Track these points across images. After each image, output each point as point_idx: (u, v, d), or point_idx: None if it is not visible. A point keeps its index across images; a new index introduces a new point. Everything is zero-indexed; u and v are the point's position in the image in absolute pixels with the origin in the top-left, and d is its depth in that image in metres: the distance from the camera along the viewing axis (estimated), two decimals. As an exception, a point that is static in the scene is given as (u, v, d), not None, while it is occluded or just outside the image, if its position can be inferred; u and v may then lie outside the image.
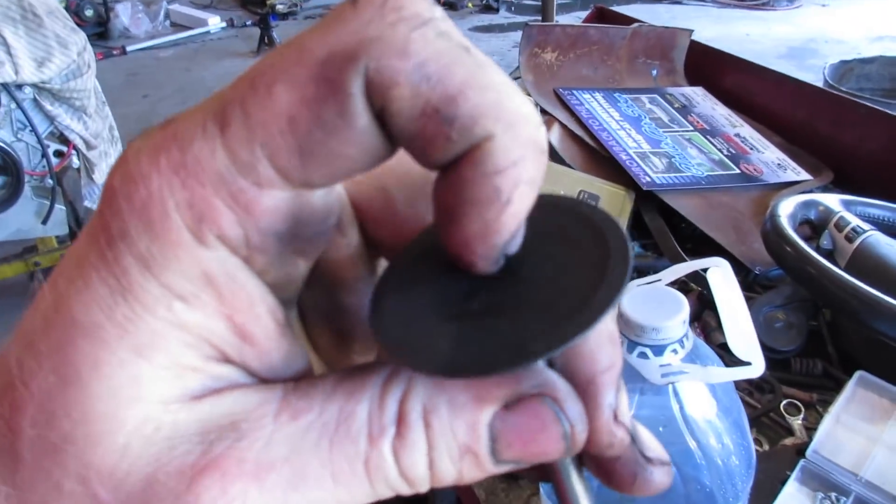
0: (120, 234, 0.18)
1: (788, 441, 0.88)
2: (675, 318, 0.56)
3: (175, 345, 0.19)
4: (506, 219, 0.19)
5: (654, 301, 0.58)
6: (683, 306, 0.56)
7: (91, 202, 2.73)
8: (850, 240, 1.01)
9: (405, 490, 0.20)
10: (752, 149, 1.39)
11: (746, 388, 0.97)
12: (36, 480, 0.18)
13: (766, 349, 1.01)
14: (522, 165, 0.18)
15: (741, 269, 1.14)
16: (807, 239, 1.01)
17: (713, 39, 1.66)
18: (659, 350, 0.57)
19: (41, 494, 0.18)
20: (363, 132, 0.18)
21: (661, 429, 0.61)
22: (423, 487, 0.20)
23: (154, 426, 0.18)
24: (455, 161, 0.19)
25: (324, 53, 0.17)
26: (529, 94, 1.42)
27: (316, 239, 0.22)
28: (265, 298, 0.20)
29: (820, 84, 2.55)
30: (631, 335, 0.56)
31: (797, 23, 5.71)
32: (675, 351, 0.57)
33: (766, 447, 0.88)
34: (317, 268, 0.23)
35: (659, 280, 0.62)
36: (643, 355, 0.57)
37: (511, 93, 0.19)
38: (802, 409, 0.92)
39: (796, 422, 0.91)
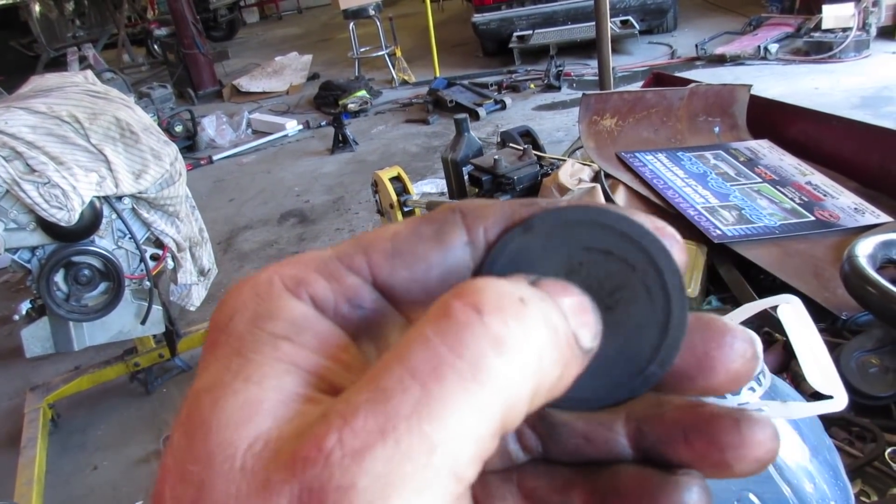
0: (236, 309, 0.24)
1: (897, 490, 0.83)
2: (748, 355, 0.56)
3: (283, 374, 0.22)
4: None
5: (725, 341, 0.58)
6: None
7: (177, 299, 2.86)
8: (939, 276, 0.97)
9: None
10: (825, 195, 1.37)
11: (846, 438, 0.93)
12: None
13: (863, 396, 0.97)
14: None
15: (827, 316, 1.11)
16: (893, 281, 0.98)
17: (781, 96, 1.66)
18: (735, 389, 0.56)
19: None
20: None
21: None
22: None
23: (263, 442, 0.21)
24: None
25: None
26: (592, 161, 1.45)
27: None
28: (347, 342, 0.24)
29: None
30: (705, 376, 0.56)
31: (867, 72, 5.59)
32: (751, 388, 0.56)
33: (874, 498, 0.83)
34: None
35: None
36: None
37: None
38: (910, 457, 0.87)
39: (904, 470, 0.86)
